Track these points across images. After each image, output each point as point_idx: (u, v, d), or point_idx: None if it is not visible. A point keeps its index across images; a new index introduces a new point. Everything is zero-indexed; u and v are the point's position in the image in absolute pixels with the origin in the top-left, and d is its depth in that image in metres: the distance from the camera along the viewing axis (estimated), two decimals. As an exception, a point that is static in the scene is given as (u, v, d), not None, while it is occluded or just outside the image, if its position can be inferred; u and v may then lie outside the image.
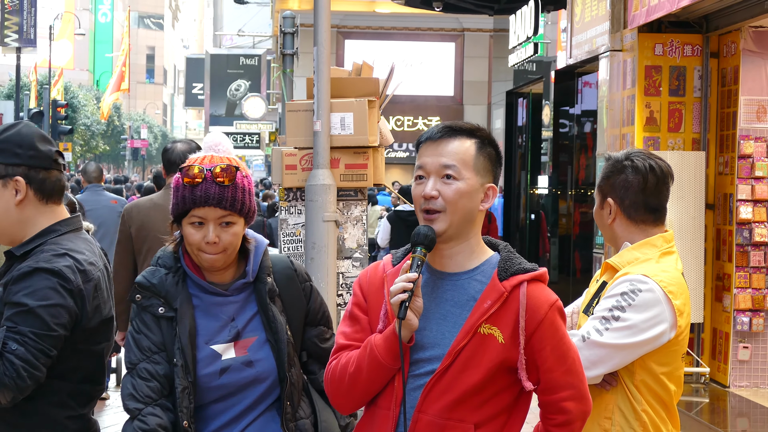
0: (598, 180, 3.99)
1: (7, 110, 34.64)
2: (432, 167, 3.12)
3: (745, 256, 10.47)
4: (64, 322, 3.31)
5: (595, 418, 3.74)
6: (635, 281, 3.73)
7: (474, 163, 3.12)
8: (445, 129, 3.16)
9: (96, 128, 56.40)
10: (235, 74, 51.49)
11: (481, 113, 26.81)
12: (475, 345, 3.05)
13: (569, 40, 13.06)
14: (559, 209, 16.19)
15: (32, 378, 3.24)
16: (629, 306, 3.70)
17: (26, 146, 3.45)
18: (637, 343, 3.70)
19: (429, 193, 3.09)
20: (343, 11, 25.73)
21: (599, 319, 3.71)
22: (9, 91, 45.38)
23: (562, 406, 3.12)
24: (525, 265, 3.12)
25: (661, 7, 10.00)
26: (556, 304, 3.11)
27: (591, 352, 3.67)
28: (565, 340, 3.12)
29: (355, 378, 3.14)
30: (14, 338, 3.24)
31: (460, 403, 3.06)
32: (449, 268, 3.15)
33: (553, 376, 3.10)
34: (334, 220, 6.91)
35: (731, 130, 10.55)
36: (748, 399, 10.18)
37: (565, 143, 16.37)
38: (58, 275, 3.32)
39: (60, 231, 3.47)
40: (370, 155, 6.98)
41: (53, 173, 3.50)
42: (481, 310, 3.06)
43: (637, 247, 3.87)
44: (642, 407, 3.76)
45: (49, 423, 3.40)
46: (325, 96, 6.94)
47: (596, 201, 4.00)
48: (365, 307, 3.23)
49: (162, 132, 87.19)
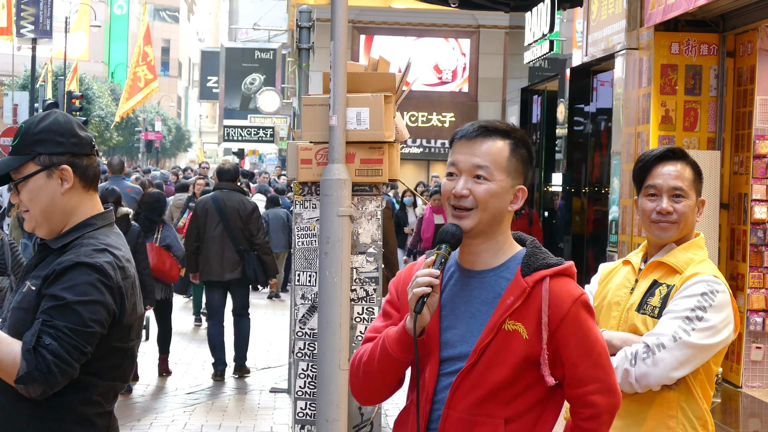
0: (692, 175, 4.00)
1: (22, 101, 34.69)
2: (464, 166, 3.14)
3: (759, 256, 10.45)
4: (101, 319, 3.29)
5: (659, 417, 3.79)
6: (711, 282, 3.79)
7: (506, 165, 3.14)
8: (481, 128, 3.18)
9: (110, 120, 56.46)
10: (249, 68, 51.50)
11: (495, 110, 26.78)
12: (500, 342, 3.08)
13: (585, 38, 13.04)
14: (573, 208, 16.16)
15: (64, 374, 3.22)
16: (710, 306, 3.75)
17: (68, 134, 3.44)
18: (717, 344, 3.79)
19: (459, 191, 3.12)
20: (359, 6, 25.71)
21: (683, 319, 3.74)
22: (24, 82, 45.46)
23: (588, 400, 3.13)
24: (549, 260, 3.13)
25: (677, 6, 9.98)
26: (581, 298, 3.11)
27: (681, 352, 3.71)
28: (590, 334, 3.12)
29: (367, 368, 3.21)
30: (49, 332, 3.22)
31: (488, 399, 3.08)
32: (477, 266, 3.17)
33: (579, 370, 3.11)
34: (348, 215, 6.91)
35: (747, 130, 10.53)
36: (761, 399, 10.17)
37: (580, 141, 16.34)
38: (100, 271, 3.30)
39: (96, 225, 3.45)
40: (385, 150, 6.98)
41: (93, 159, 3.50)
42: (504, 307, 3.09)
43: (687, 248, 3.93)
44: (704, 405, 3.82)
45: (79, 419, 3.37)
46: (341, 90, 6.93)
47: (691, 196, 3.99)
48: (397, 304, 3.28)
49: (176, 125, 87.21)
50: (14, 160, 3.44)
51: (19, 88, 44.22)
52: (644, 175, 4.02)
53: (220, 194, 11.74)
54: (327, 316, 6.84)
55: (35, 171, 3.41)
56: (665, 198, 3.95)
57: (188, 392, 11.00)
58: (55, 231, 3.45)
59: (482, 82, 27.34)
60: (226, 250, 11.50)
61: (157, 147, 68.64)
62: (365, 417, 7.12)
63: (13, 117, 33.33)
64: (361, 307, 7.07)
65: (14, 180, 3.44)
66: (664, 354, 3.71)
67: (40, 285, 3.32)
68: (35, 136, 3.42)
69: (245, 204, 11.78)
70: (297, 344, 7.14)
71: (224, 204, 11.57)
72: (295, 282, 7.19)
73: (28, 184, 3.42)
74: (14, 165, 3.43)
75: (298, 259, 7.17)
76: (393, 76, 7.13)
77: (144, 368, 11.87)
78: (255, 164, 57.49)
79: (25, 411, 3.33)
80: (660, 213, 3.95)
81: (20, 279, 3.49)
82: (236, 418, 9.89)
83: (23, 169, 3.42)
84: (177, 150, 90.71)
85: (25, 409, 3.32)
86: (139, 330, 3.51)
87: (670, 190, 3.95)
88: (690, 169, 3.98)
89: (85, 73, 56.47)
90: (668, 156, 4.00)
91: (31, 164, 3.42)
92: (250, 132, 47.60)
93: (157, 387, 11.23)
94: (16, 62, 40.95)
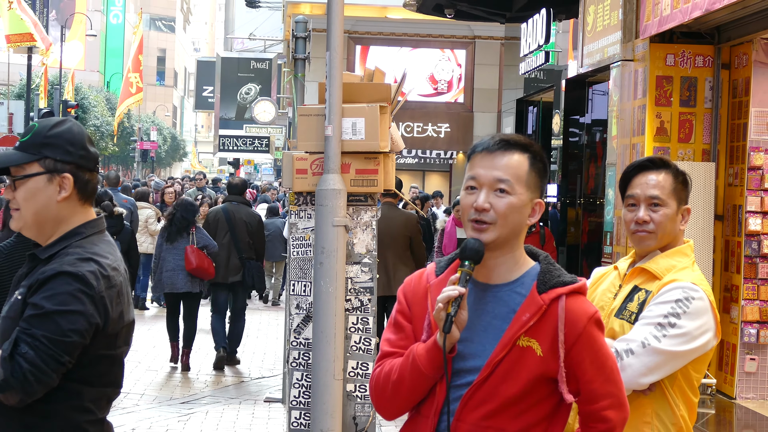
0: (671, 183, 3.99)
1: (17, 110, 34.69)
2: (485, 179, 3.15)
3: (754, 267, 10.46)
4: (81, 329, 3.27)
5: (634, 423, 3.78)
6: (687, 288, 3.78)
7: (526, 179, 3.16)
8: (502, 142, 3.19)
9: (105, 129, 56.45)
10: (245, 78, 51.56)
11: (491, 121, 26.81)
12: (513, 357, 3.09)
13: (580, 49, 13.06)
14: (568, 218, 16.17)
15: (40, 383, 3.21)
16: (684, 313, 3.74)
17: (78, 145, 3.44)
18: (691, 351, 3.76)
19: (481, 205, 3.13)
20: (355, 17, 25.74)
21: (655, 325, 3.74)
22: (20, 91, 45.45)
23: (603, 415, 3.16)
24: (564, 277, 3.14)
25: (673, 18, 10.01)
26: (594, 316, 3.14)
27: (650, 359, 3.71)
28: (602, 350, 3.15)
29: (397, 386, 3.19)
30: (26, 341, 3.21)
31: (498, 412, 3.10)
32: (492, 280, 3.19)
33: (593, 386, 3.14)
34: (343, 224, 6.92)
35: (741, 142, 10.55)
36: (755, 411, 10.18)
37: (575, 152, 16.35)
38: (81, 280, 3.28)
39: (84, 233, 3.44)
40: (380, 161, 6.99)
41: (95, 176, 3.51)
42: (519, 323, 3.10)
43: (671, 255, 3.93)
44: (680, 412, 3.81)
45: (69, 427, 3.36)
46: (337, 101, 6.95)
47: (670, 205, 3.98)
48: (409, 315, 3.27)
49: (171, 134, 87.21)
50: (20, 157, 3.43)
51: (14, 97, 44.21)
52: (625, 186, 4.07)
53: (230, 206, 13.25)
54: (322, 326, 6.85)
55: (38, 172, 3.40)
56: (643, 207, 3.98)
57: (183, 401, 10.99)
58: (44, 237, 3.45)
59: (477, 93, 27.37)
60: (232, 257, 12.91)
61: (152, 156, 68.64)
62: (359, 426, 7.12)
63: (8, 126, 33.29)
64: (356, 317, 7.07)
65: (13, 176, 3.44)
66: (632, 360, 3.71)
67: (25, 294, 3.32)
68: (46, 139, 3.42)
69: (253, 216, 13.41)
70: (292, 354, 7.14)
71: (233, 216, 13.04)
72: (289, 292, 7.19)
73: (27, 183, 3.41)
74: (19, 161, 3.42)
75: (293, 269, 7.17)
76: (388, 87, 7.15)
77: (138, 377, 11.85)
78: (250, 174, 57.50)
79: (16, 419, 3.33)
80: (637, 222, 3.98)
81: (11, 289, 3.49)
82: (231, 427, 9.88)
83: (27, 167, 3.42)
84: (172, 159, 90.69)
85: (15, 416, 3.32)
86: (127, 337, 3.50)
87: (647, 200, 3.98)
88: (671, 177, 3.99)
89: (81, 82, 56.47)
90: (647, 166, 4.02)
91: (35, 164, 3.41)
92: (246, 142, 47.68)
93: (151, 396, 11.21)
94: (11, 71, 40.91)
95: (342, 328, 6.92)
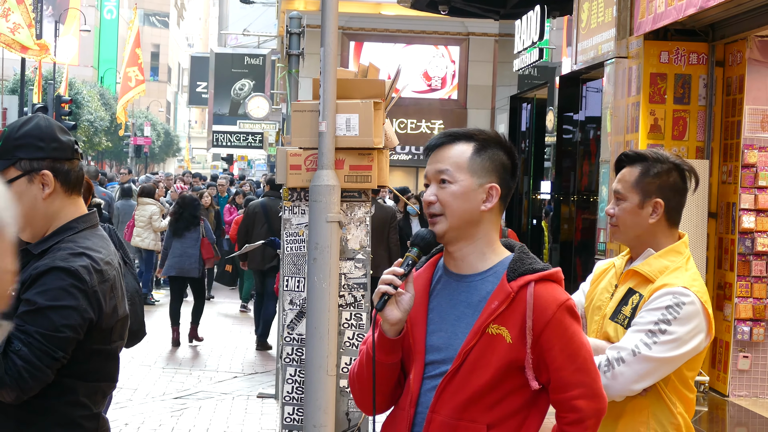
0: (635, 177, 3.92)
1: (11, 105, 34.60)
2: (431, 174, 3.21)
3: (747, 265, 10.48)
4: (74, 324, 3.26)
5: (630, 424, 3.79)
6: (678, 294, 3.76)
7: (469, 165, 3.16)
8: (444, 136, 3.24)
9: (99, 124, 56.32)
10: (239, 73, 51.47)
11: (484, 117, 26.80)
12: (483, 345, 3.09)
13: (574, 46, 13.07)
14: (561, 215, 16.19)
15: (35, 379, 3.21)
16: (674, 319, 3.73)
17: (48, 139, 3.43)
18: (682, 355, 3.75)
19: (427, 198, 3.19)
20: (349, 13, 25.71)
21: (645, 333, 3.73)
22: (14, 86, 45.36)
23: (573, 405, 3.13)
24: (535, 265, 3.13)
25: (667, 15, 10.01)
26: (566, 303, 3.11)
27: (641, 366, 3.71)
28: (575, 338, 3.13)
29: (360, 377, 3.27)
30: (19, 337, 3.21)
31: (471, 403, 3.09)
32: (462, 270, 3.19)
33: (563, 374, 3.11)
34: (337, 220, 6.91)
35: (735, 139, 10.56)
36: (747, 408, 10.19)
37: (569, 149, 16.38)
38: (74, 275, 3.28)
39: (77, 228, 3.44)
40: (374, 157, 6.98)
41: (75, 163, 3.49)
42: (489, 311, 3.10)
43: (664, 255, 3.89)
44: (678, 410, 3.80)
45: (65, 422, 3.36)
46: (331, 97, 6.94)
47: (631, 198, 3.92)
48: None
49: (165, 130, 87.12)
50: None
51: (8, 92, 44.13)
52: None
53: (267, 201, 14.63)
54: (315, 322, 6.84)
55: (16, 176, 3.40)
56: (612, 202, 3.98)
57: (175, 397, 10.99)
58: (38, 235, 3.44)
59: (471, 90, 27.35)
60: (268, 246, 13.63)
61: (146, 152, 68.57)
62: (352, 422, 7.12)
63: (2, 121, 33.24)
64: (350, 313, 7.07)
65: None
66: (623, 368, 3.70)
67: (18, 290, 3.31)
68: (16, 141, 3.41)
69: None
70: (285, 349, 7.13)
71: (270, 209, 14.26)
72: (283, 287, 7.19)
73: (10, 189, 3.40)
74: None
75: (287, 265, 7.17)
76: (382, 83, 7.14)
77: (131, 372, 11.85)
78: (244, 170, 57.47)
79: (11, 415, 3.32)
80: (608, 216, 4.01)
81: None
82: (223, 423, 9.87)
83: (4, 173, 3.41)
84: (166, 155, 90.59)
85: (11, 412, 3.32)
86: (122, 331, 3.49)
87: (612, 194, 4.00)
88: (638, 170, 3.91)
89: (75, 78, 56.35)
90: (621, 161, 4.02)
91: (12, 169, 3.40)
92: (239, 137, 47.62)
93: (144, 391, 11.20)
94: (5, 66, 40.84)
95: (335, 324, 6.91)
